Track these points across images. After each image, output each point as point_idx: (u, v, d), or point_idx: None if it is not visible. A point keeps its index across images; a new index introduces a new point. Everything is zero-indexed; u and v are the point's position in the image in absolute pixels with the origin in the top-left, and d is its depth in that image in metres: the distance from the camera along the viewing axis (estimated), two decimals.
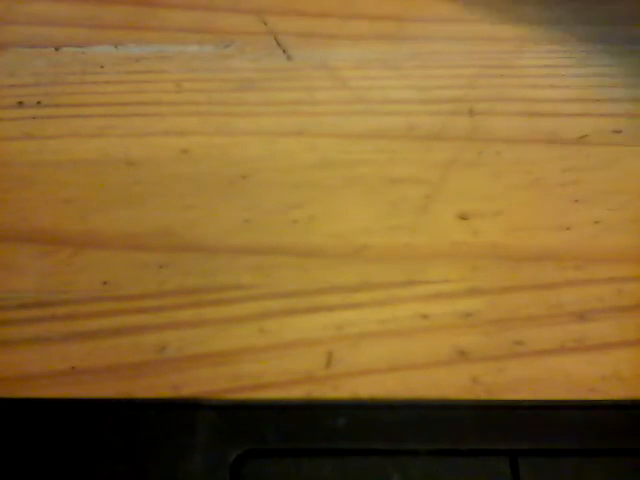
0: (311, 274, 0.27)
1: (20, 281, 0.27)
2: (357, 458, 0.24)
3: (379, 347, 0.26)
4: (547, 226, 0.28)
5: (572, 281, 0.27)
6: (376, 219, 0.28)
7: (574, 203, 0.29)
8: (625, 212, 0.29)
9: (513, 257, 0.28)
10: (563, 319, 0.26)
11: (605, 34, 0.33)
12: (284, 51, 0.31)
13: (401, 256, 0.27)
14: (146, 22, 0.33)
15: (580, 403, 0.25)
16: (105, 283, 0.27)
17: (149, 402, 0.25)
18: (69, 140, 0.30)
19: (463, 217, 0.28)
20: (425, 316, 0.26)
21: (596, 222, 0.28)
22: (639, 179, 0.29)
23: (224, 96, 0.31)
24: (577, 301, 0.27)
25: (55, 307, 0.26)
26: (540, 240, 0.28)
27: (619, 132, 0.30)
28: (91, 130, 0.30)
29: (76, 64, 0.32)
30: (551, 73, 0.32)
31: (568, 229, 0.28)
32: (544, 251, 0.28)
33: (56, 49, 0.32)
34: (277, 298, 0.27)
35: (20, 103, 0.31)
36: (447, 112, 0.31)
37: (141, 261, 0.27)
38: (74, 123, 0.30)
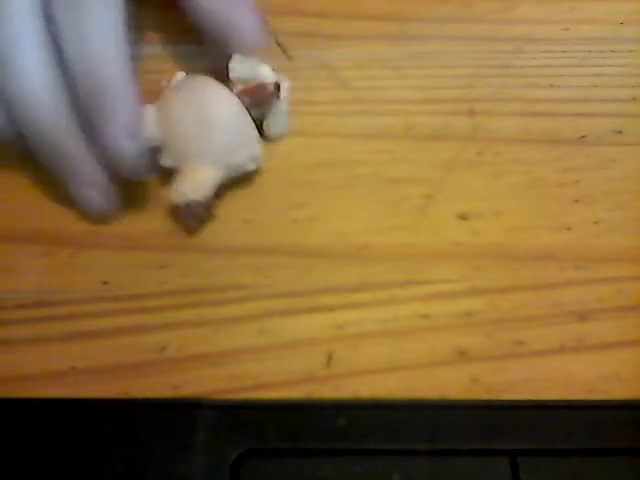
0: (311, 274, 0.27)
1: (20, 281, 0.27)
2: (357, 458, 0.24)
3: (379, 347, 0.26)
4: (547, 226, 0.28)
5: (572, 281, 0.27)
6: (376, 219, 0.28)
7: (574, 203, 0.29)
8: (625, 212, 0.29)
9: (513, 257, 0.28)
10: (563, 319, 0.26)
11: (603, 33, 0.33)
12: (284, 51, 0.31)
13: (401, 256, 0.27)
14: (146, 22, 0.33)
15: (580, 403, 0.25)
16: (105, 283, 0.27)
17: (149, 402, 0.25)
18: None
19: (463, 217, 0.28)
20: (425, 316, 0.26)
21: (596, 222, 0.28)
22: (639, 179, 0.29)
23: None
24: (577, 301, 0.27)
25: (55, 307, 0.26)
26: (540, 240, 0.28)
27: (619, 132, 0.30)
28: None
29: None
30: (551, 73, 0.32)
31: (568, 229, 0.28)
32: (544, 251, 0.28)
33: None
34: (277, 298, 0.27)
35: None
36: (447, 112, 0.31)
37: (141, 261, 0.27)
38: None
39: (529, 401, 0.25)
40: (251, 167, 0.28)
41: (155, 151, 0.27)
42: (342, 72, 0.32)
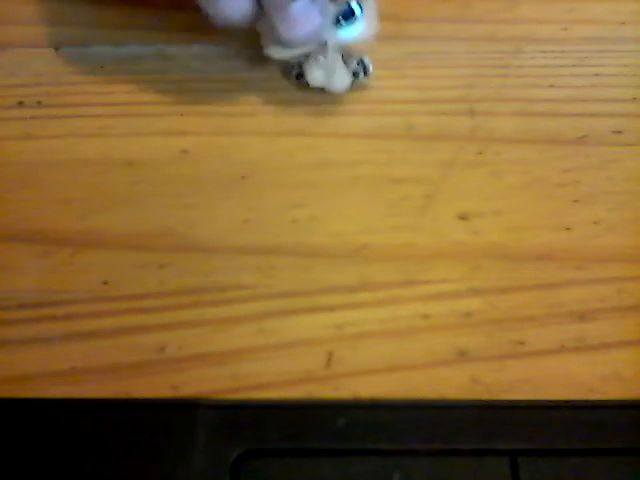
0: (311, 274, 0.27)
1: (20, 281, 0.27)
2: (357, 458, 0.24)
3: (379, 347, 0.26)
4: (547, 226, 0.28)
5: (572, 281, 0.27)
6: (376, 219, 0.28)
7: (574, 203, 0.29)
8: (625, 212, 0.29)
9: (513, 257, 0.28)
10: (563, 319, 0.26)
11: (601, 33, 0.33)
12: None
13: (401, 256, 0.27)
14: (146, 22, 0.33)
15: (580, 403, 0.25)
16: (105, 283, 0.27)
17: (149, 402, 0.25)
18: (69, 140, 0.30)
19: (463, 217, 0.28)
20: (425, 316, 0.26)
21: (596, 222, 0.28)
22: (639, 179, 0.29)
23: (224, 96, 0.31)
24: (577, 301, 0.27)
25: (55, 307, 0.26)
26: (540, 240, 0.28)
27: (619, 132, 0.30)
28: (91, 130, 0.30)
29: (76, 64, 0.32)
30: (551, 73, 0.32)
31: (568, 229, 0.28)
32: (544, 251, 0.28)
33: (56, 49, 0.32)
34: (277, 298, 0.27)
35: (20, 103, 0.31)
36: (447, 112, 0.31)
37: (141, 261, 0.27)
38: (74, 123, 0.30)
39: (529, 401, 0.25)
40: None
41: None
42: None
